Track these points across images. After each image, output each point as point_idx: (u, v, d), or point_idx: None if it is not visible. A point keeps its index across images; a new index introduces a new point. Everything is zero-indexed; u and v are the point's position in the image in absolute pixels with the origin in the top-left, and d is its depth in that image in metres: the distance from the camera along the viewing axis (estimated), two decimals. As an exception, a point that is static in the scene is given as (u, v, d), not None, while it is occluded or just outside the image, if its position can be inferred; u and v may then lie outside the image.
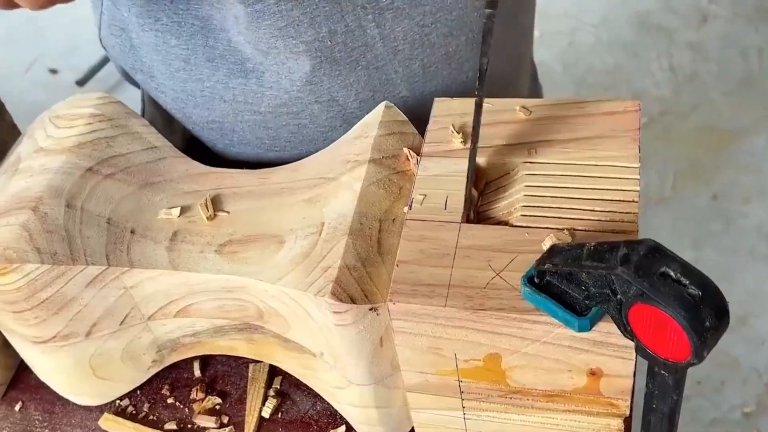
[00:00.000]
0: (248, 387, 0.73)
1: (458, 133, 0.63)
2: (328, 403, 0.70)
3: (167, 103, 0.81)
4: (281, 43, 0.69)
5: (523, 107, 0.64)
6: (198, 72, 0.76)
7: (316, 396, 0.71)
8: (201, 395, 0.73)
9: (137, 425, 0.71)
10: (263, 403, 0.71)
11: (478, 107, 0.58)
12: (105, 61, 2.46)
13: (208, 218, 0.67)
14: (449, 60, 0.74)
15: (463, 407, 0.61)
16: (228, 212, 0.67)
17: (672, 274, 0.45)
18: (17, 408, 0.74)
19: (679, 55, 2.32)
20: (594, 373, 0.55)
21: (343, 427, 0.69)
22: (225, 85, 0.75)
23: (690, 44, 2.34)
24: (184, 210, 0.68)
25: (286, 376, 0.73)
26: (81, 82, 2.44)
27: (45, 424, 0.73)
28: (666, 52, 2.33)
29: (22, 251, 0.62)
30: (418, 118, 0.74)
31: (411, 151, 0.65)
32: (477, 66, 0.76)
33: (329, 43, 0.69)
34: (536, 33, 0.90)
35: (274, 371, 0.74)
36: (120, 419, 0.72)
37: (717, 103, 2.18)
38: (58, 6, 0.64)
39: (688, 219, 1.94)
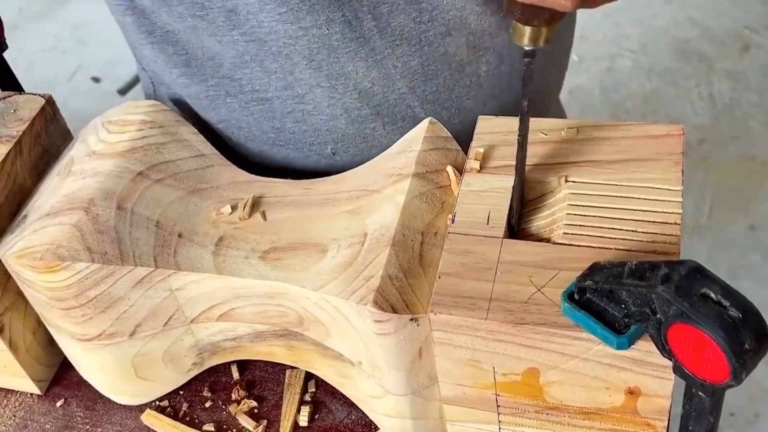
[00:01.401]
0: (284, 392, 0.74)
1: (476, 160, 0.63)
2: (363, 413, 0.71)
3: (177, 110, 0.83)
4: (281, 28, 0.70)
5: (569, 127, 0.65)
6: (200, 73, 0.77)
7: (352, 405, 0.72)
8: (243, 393, 0.74)
9: (177, 423, 0.73)
10: (299, 410, 0.72)
11: (521, 147, 0.59)
12: (147, 71, 2.50)
13: (240, 219, 0.69)
14: (449, 61, 0.75)
15: (499, 421, 0.62)
16: (264, 217, 0.69)
17: (713, 295, 0.45)
18: (59, 404, 0.76)
19: (719, 83, 2.31)
20: (632, 392, 0.55)
21: (380, 431, 0.70)
22: (230, 78, 0.76)
23: (730, 73, 2.33)
24: (234, 209, 0.70)
25: (322, 384, 0.74)
26: (122, 91, 2.48)
27: (86, 420, 0.75)
28: (706, 80, 2.33)
29: (73, 250, 0.64)
30: (415, 117, 0.75)
31: (454, 168, 0.66)
32: (478, 71, 0.76)
33: (327, 30, 0.70)
34: (575, 57, 0.90)
35: (309, 378, 0.75)
36: (161, 416, 0.73)
37: (756, 132, 2.17)
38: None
39: (724, 249, 1.93)
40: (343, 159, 0.77)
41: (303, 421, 0.72)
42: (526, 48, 0.55)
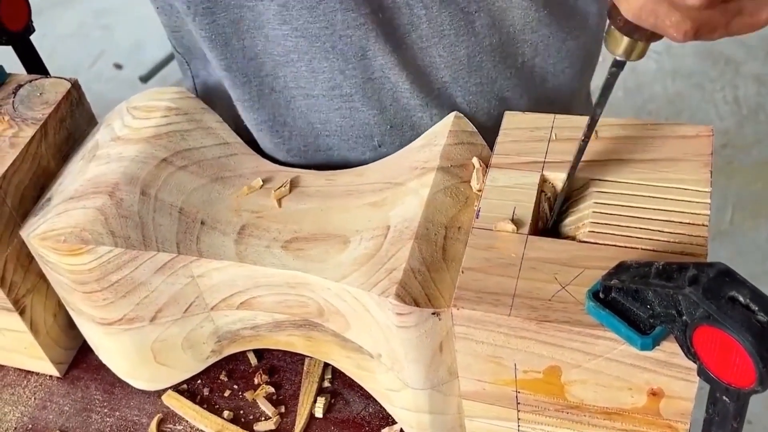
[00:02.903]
0: (302, 381, 0.74)
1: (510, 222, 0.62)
2: (381, 406, 0.71)
3: (223, 115, 0.83)
4: (339, 17, 0.70)
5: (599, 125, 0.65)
6: (242, 75, 0.77)
7: (369, 397, 0.72)
8: (265, 377, 0.75)
9: (196, 406, 0.73)
10: (315, 400, 0.72)
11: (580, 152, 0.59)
12: (169, 58, 2.51)
13: (274, 193, 0.70)
14: (493, 52, 0.75)
15: (519, 419, 0.61)
16: (280, 204, 0.69)
17: (741, 299, 0.44)
18: (79, 387, 0.76)
19: (744, 87, 2.29)
20: (655, 393, 0.54)
21: (398, 425, 0.70)
22: (273, 76, 0.76)
23: (756, 77, 2.31)
24: (265, 181, 0.71)
25: (340, 375, 0.74)
26: (144, 78, 2.49)
27: (105, 404, 0.75)
28: (731, 83, 2.31)
29: (97, 233, 0.64)
30: (457, 108, 0.74)
31: (480, 161, 0.66)
32: (516, 63, 0.76)
33: (380, 17, 0.70)
34: (599, 58, 0.90)
35: (327, 366, 0.75)
36: (182, 398, 0.74)
37: (781, 137, 2.15)
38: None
39: (746, 254, 1.91)
40: (389, 150, 0.77)
41: (318, 412, 0.72)
42: (618, 58, 0.53)
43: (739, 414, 0.48)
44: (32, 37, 0.79)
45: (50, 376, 0.78)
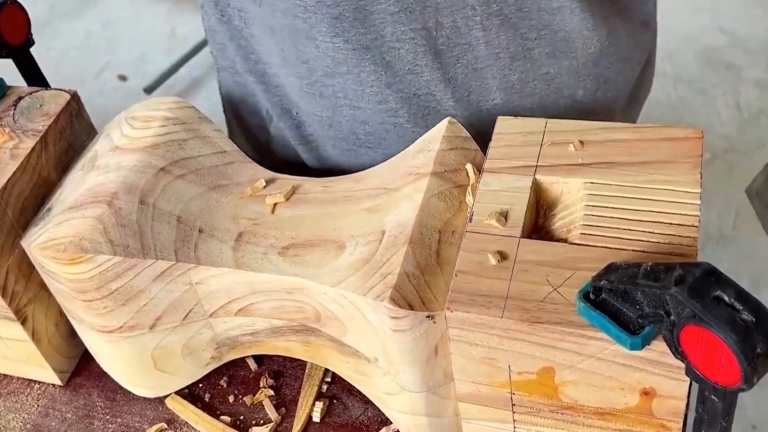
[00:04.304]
0: (303, 384, 0.74)
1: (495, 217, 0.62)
2: (379, 410, 0.72)
3: (280, 93, 0.84)
4: (389, 29, 0.71)
5: (587, 128, 0.65)
6: (295, 70, 0.77)
7: (368, 402, 0.72)
8: (270, 381, 0.76)
9: (199, 411, 0.74)
10: (314, 403, 0.73)
11: None
12: (173, 69, 2.53)
13: (270, 198, 0.70)
14: (549, 81, 0.75)
15: (514, 420, 0.62)
16: (273, 211, 0.70)
17: (726, 298, 0.45)
18: (81, 394, 0.77)
19: (746, 92, 2.29)
20: (647, 393, 0.55)
21: (394, 426, 0.70)
22: (322, 83, 0.77)
23: (758, 82, 2.31)
24: (268, 182, 0.72)
25: (339, 380, 0.74)
26: (149, 90, 2.51)
27: (107, 411, 0.76)
28: (733, 89, 2.31)
29: (96, 242, 0.65)
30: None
31: (473, 166, 0.66)
32: (575, 95, 0.76)
33: (434, 33, 0.71)
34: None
35: (327, 371, 0.75)
36: (185, 402, 0.75)
37: (783, 142, 2.15)
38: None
39: (748, 259, 1.91)
40: None
41: (316, 416, 0.72)
42: None
43: (727, 412, 0.48)
44: (38, 49, 0.81)
45: (53, 383, 0.79)
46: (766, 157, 2.11)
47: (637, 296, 0.50)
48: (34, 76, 0.81)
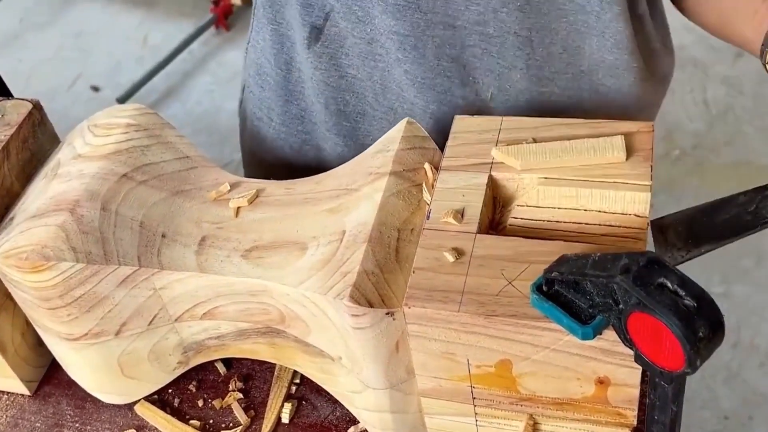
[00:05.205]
0: (272, 385, 0.75)
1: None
2: (347, 410, 0.72)
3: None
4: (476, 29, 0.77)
5: (541, 125, 0.66)
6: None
7: (336, 402, 0.73)
8: (239, 384, 0.76)
9: (168, 416, 0.74)
10: (282, 404, 0.74)
11: None
12: (146, 79, 2.53)
13: (235, 211, 0.71)
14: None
15: (476, 413, 0.63)
16: (237, 214, 0.71)
17: (669, 285, 0.46)
18: (50, 403, 0.77)
19: (713, 89, 2.32)
20: (602, 382, 0.56)
21: (361, 424, 0.71)
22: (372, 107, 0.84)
23: (725, 78, 2.34)
24: (233, 186, 0.73)
25: (308, 380, 0.75)
26: (121, 100, 2.51)
27: (76, 419, 0.76)
28: (700, 86, 2.34)
29: (58, 250, 0.65)
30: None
31: (431, 165, 0.67)
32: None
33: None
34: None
35: (296, 372, 0.76)
36: (154, 408, 0.75)
37: (751, 138, 2.18)
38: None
39: (718, 253, 1.91)
40: None
41: (285, 417, 0.73)
42: None
43: (677, 398, 0.50)
44: (8, 62, 0.81)
45: (21, 393, 0.79)
46: (734, 152, 2.14)
47: (587, 287, 0.51)
48: (-4, 87, 0.81)
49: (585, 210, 0.61)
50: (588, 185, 0.62)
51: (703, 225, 0.60)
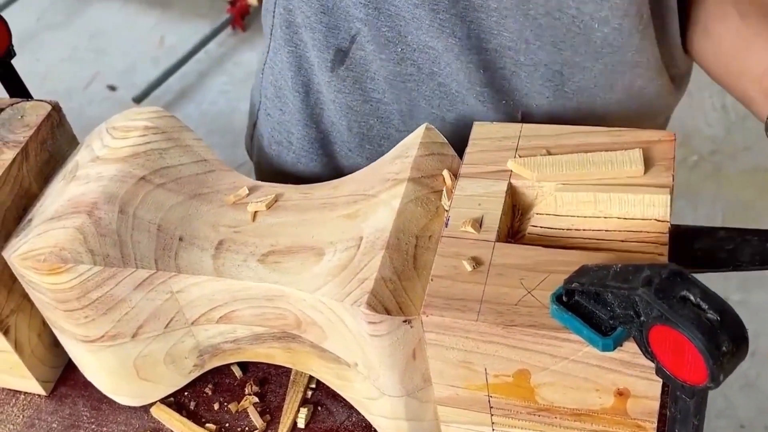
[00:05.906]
0: (288, 389, 0.75)
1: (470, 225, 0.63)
2: (363, 416, 0.72)
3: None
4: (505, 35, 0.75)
5: (561, 132, 0.66)
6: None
7: (352, 408, 0.73)
8: (255, 388, 0.76)
9: (184, 419, 0.74)
10: (298, 409, 0.73)
11: None
12: (162, 79, 2.54)
13: (253, 207, 0.71)
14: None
15: (492, 423, 0.62)
16: (254, 218, 0.71)
17: (692, 298, 0.46)
18: (66, 404, 0.78)
19: (731, 94, 2.31)
20: (621, 393, 0.56)
21: (377, 431, 0.71)
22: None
23: (743, 84, 2.32)
24: (251, 190, 0.73)
25: (324, 385, 0.75)
26: (138, 99, 2.52)
27: (92, 420, 0.76)
28: (719, 91, 2.32)
29: (76, 252, 0.65)
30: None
31: (449, 172, 0.67)
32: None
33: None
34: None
35: (312, 377, 0.76)
36: (170, 410, 0.75)
37: (769, 143, 2.17)
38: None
39: (735, 260, 1.92)
40: None
41: (301, 422, 0.73)
42: None
43: (698, 411, 0.49)
44: (26, 61, 0.81)
45: (38, 394, 0.79)
46: (752, 158, 2.12)
47: (608, 298, 0.51)
48: (16, 87, 0.82)
49: (605, 217, 0.60)
50: (606, 189, 0.61)
51: (680, 246, 0.59)
